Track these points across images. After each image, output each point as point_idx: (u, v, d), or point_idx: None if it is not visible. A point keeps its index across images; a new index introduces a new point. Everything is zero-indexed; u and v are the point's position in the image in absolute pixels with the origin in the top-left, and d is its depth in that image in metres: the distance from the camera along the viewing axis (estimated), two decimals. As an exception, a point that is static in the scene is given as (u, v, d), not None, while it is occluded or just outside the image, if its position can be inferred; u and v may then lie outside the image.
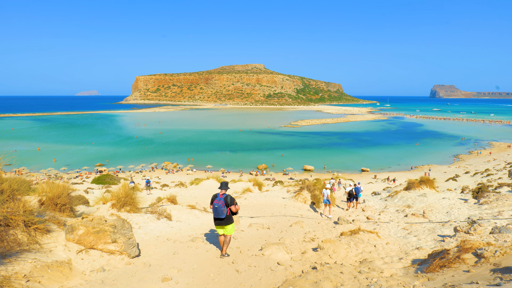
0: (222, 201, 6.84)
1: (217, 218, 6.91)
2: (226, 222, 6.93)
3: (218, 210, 6.80)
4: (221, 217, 6.85)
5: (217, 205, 6.80)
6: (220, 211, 6.79)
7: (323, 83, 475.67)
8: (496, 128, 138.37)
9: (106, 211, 7.50)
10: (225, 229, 7.02)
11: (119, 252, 5.04)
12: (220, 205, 6.80)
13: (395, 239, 8.03)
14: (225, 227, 6.99)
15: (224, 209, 6.83)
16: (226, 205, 6.88)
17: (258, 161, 71.90)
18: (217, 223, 6.99)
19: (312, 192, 15.00)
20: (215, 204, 6.83)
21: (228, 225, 6.98)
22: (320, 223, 10.82)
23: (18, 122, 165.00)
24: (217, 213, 6.84)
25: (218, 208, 6.80)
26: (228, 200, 6.89)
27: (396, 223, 10.93)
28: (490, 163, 69.66)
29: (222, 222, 6.93)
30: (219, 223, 6.95)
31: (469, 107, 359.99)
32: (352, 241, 7.09)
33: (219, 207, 6.79)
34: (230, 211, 6.96)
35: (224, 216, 6.84)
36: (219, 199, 6.85)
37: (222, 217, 6.84)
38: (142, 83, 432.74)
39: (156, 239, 6.95)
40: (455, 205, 17.43)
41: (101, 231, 4.99)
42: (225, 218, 6.90)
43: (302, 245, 7.79)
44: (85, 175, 61.01)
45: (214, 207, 6.84)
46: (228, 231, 7.03)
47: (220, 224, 6.96)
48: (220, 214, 6.82)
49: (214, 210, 6.87)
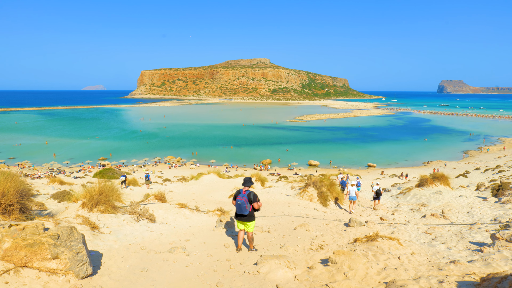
0: (246, 198, 6.84)
1: (240, 215, 6.95)
2: (248, 219, 6.96)
3: (241, 206, 6.83)
4: (244, 214, 6.88)
5: (240, 201, 6.82)
6: (243, 208, 6.82)
7: (329, 78, 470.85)
8: (506, 124, 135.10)
9: (74, 212, 6.30)
10: (247, 226, 7.05)
11: (62, 272, 3.78)
12: (244, 201, 6.82)
13: (419, 246, 6.76)
14: (247, 224, 7.02)
15: (247, 206, 6.84)
16: (249, 201, 6.88)
17: (262, 155, 70.69)
18: (239, 219, 7.04)
19: (319, 189, 13.68)
20: (238, 201, 6.86)
21: (250, 222, 7.00)
22: (328, 225, 9.52)
23: (23, 116, 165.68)
24: (240, 209, 6.86)
25: (241, 205, 6.82)
26: (251, 196, 6.90)
27: (414, 225, 9.63)
28: (501, 160, 67.67)
29: (244, 219, 6.97)
30: (241, 219, 7.00)
31: (478, 102, 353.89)
32: (369, 251, 5.80)
33: (242, 203, 6.82)
34: (253, 208, 6.95)
35: (247, 212, 6.86)
36: (242, 195, 6.86)
37: (245, 213, 6.87)
38: (148, 78, 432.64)
39: (127, 249, 5.57)
40: (474, 204, 16.01)
41: (36, 244, 3.73)
42: (248, 215, 6.91)
43: (309, 255, 6.47)
44: (88, 169, 60.39)
45: (237, 203, 6.86)
46: (249, 228, 7.05)
47: (242, 220, 7.00)
48: (243, 211, 6.84)
49: (237, 206, 6.89)
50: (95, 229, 5.73)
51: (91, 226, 5.67)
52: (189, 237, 7.08)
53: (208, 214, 9.11)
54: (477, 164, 64.96)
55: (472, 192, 20.91)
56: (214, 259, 6.15)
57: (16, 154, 72.46)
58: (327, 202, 13.40)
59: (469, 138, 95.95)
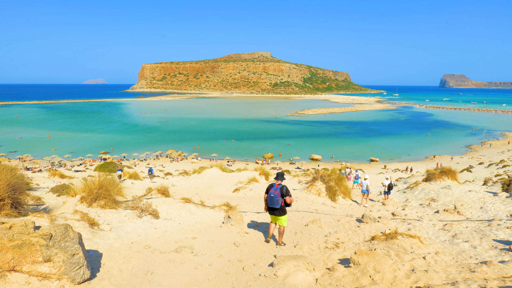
0: (278, 191, 6.89)
1: (272, 208, 6.99)
2: (280, 213, 7.01)
3: (273, 199, 6.87)
4: (275, 207, 6.93)
5: (273, 194, 6.88)
6: (275, 201, 6.87)
7: (331, 72, 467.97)
8: (509, 118, 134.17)
9: (71, 207, 5.86)
10: (279, 220, 7.08)
11: (56, 277, 3.33)
12: (276, 194, 6.87)
13: (441, 245, 6.32)
14: (278, 218, 7.05)
15: (279, 199, 6.89)
16: (282, 195, 6.93)
17: (264, 149, 70.25)
18: (271, 212, 7.10)
19: (327, 183, 13.22)
20: (270, 193, 6.91)
21: (282, 216, 7.04)
22: (340, 221, 9.07)
23: (24, 109, 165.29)
24: (272, 203, 6.91)
25: (273, 198, 6.87)
26: (283, 190, 6.95)
27: (429, 221, 9.18)
28: (505, 154, 67.15)
29: (276, 212, 7.02)
30: (273, 212, 7.06)
31: (481, 97, 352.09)
32: (391, 250, 5.35)
33: (274, 196, 6.87)
34: (285, 202, 6.99)
35: (278, 206, 6.91)
36: (275, 189, 6.92)
37: (276, 207, 6.92)
38: (148, 72, 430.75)
39: (129, 248, 5.15)
40: (485, 199, 15.59)
41: (25, 245, 3.26)
42: (279, 208, 6.97)
43: (325, 254, 6.02)
44: (89, 163, 60.13)
45: (270, 196, 6.92)
46: (281, 222, 7.07)
47: (274, 214, 7.05)
48: (275, 204, 6.89)
49: (269, 199, 6.94)
50: (95, 226, 5.27)
51: (90, 223, 5.21)
52: (195, 235, 6.62)
53: (214, 209, 8.66)
54: (481, 159, 64.51)
55: (480, 187, 20.46)
56: (224, 259, 5.69)
57: (17, 148, 72.22)
58: (335, 196, 12.97)
59: (472, 133, 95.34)
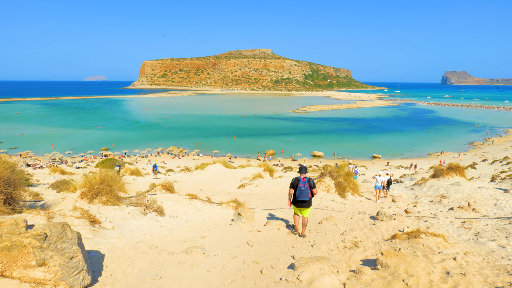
0: (307, 184, 7.04)
1: (302, 201, 7.11)
2: (307, 205, 7.17)
3: (304, 192, 7.01)
4: (305, 199, 7.06)
5: (303, 188, 7.01)
6: (306, 194, 7.02)
7: (332, 69, 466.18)
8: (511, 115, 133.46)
9: (71, 203, 5.42)
10: (304, 212, 7.21)
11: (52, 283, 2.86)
12: (307, 187, 7.02)
13: (467, 244, 5.90)
14: (305, 209, 7.19)
15: (309, 192, 7.07)
16: (310, 187, 7.10)
17: (265, 146, 69.79)
18: (299, 205, 7.18)
19: (336, 179, 12.81)
20: (301, 187, 7.01)
21: (309, 208, 7.22)
22: (353, 218, 8.64)
23: (25, 106, 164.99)
24: (302, 196, 7.03)
25: (304, 191, 7.01)
26: (311, 183, 7.12)
27: (445, 219, 8.75)
28: (508, 151, 66.69)
29: (304, 205, 7.15)
30: (301, 205, 7.16)
31: (483, 94, 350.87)
32: (417, 251, 4.90)
33: (305, 189, 7.01)
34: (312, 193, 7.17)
35: (308, 198, 7.08)
36: (304, 182, 7.03)
37: (306, 199, 7.06)
38: (149, 68, 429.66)
39: (134, 248, 4.71)
40: (497, 196, 15.15)
41: (15, 247, 2.81)
42: (308, 200, 7.12)
43: (346, 254, 5.55)
44: (90, 159, 59.82)
45: (300, 189, 7.01)
46: (306, 214, 7.24)
47: (302, 206, 7.16)
48: (305, 197, 7.03)
49: (299, 192, 7.03)
50: (96, 224, 4.82)
51: (90, 221, 4.76)
52: (205, 233, 6.14)
53: (222, 206, 8.23)
54: (484, 156, 64.06)
55: (488, 183, 20.03)
56: (239, 261, 5.20)
57: (18, 144, 71.92)
58: (345, 193, 12.54)
59: (475, 130, 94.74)
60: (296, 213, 7.36)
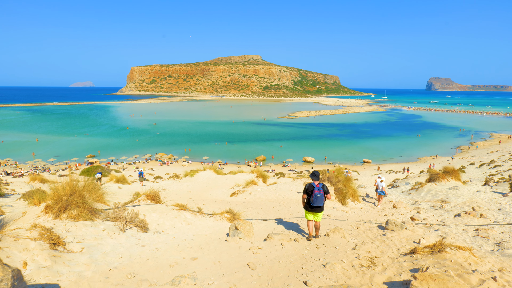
0: (322, 190, 7.16)
1: (317, 206, 7.21)
2: (321, 210, 7.32)
3: (319, 198, 7.12)
4: (320, 205, 7.19)
5: (319, 194, 7.10)
6: (321, 199, 7.15)
7: (320, 75, 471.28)
8: (494, 120, 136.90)
9: (31, 220, 4.44)
10: (317, 216, 7.37)
11: None
12: (322, 194, 7.15)
13: (495, 258, 5.24)
14: (319, 214, 7.36)
15: (324, 198, 7.23)
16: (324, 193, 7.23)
17: (256, 152, 69.03)
18: (313, 210, 7.29)
19: (335, 185, 12.10)
20: (316, 194, 7.09)
21: (322, 212, 7.39)
22: (359, 228, 7.89)
23: (7, 112, 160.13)
24: (317, 202, 7.13)
25: (320, 197, 7.12)
26: (325, 188, 7.25)
27: (456, 226, 8.15)
28: (494, 154, 67.90)
29: (318, 210, 7.28)
30: (315, 210, 7.28)
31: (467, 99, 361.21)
32: (449, 269, 4.13)
33: (321, 196, 7.13)
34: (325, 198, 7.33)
35: (322, 204, 7.22)
36: (318, 188, 7.13)
37: (321, 205, 7.20)
38: (138, 74, 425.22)
39: (106, 278, 3.67)
40: (497, 199, 14.72)
41: None
42: (322, 205, 7.25)
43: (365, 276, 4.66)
44: (75, 167, 57.72)
45: (316, 196, 7.09)
46: (318, 218, 7.39)
47: (316, 211, 7.29)
48: (320, 202, 7.16)
49: (315, 198, 7.10)
50: (59, 246, 3.81)
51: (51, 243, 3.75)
52: (196, 253, 5.10)
53: (215, 218, 7.30)
54: (471, 159, 65.00)
55: (484, 187, 19.75)
56: None
57: (-6, 152, 69.03)
58: (345, 200, 11.84)
59: (460, 134, 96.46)
60: (309, 219, 7.43)
